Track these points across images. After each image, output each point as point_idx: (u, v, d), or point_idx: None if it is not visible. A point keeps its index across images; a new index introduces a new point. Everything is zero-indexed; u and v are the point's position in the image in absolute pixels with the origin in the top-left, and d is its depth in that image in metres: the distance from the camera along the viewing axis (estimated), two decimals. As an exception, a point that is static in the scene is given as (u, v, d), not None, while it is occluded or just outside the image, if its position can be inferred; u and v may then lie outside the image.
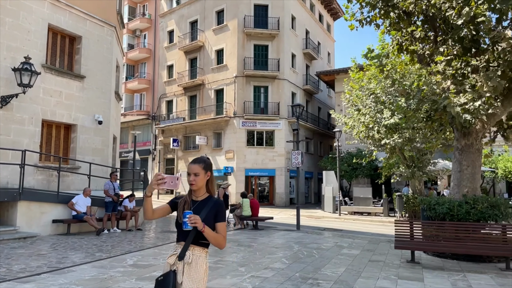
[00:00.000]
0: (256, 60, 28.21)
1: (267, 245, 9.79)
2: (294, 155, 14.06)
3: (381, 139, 17.92)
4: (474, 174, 9.15)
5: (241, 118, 27.28)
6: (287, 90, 28.55)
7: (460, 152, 9.34)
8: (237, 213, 13.48)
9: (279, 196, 27.34)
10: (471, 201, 8.60)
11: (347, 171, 25.49)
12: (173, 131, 31.86)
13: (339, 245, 10.15)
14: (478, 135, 9.23)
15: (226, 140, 27.88)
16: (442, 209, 8.79)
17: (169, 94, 32.98)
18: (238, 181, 26.88)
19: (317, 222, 18.14)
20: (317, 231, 13.56)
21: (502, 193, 23.56)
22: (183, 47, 31.36)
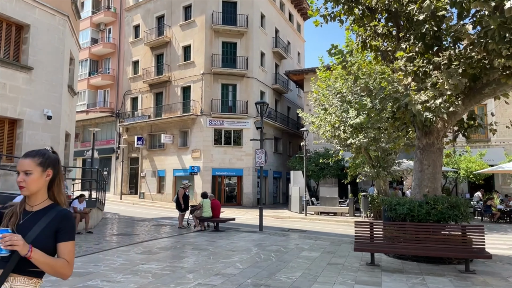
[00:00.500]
0: (224, 57, 27.62)
1: (224, 248, 9.27)
2: (257, 154, 13.62)
3: (347, 139, 17.82)
4: (435, 173, 9.00)
5: (208, 117, 26.62)
6: (255, 89, 28.13)
7: (421, 152, 9.17)
8: (197, 214, 12.89)
9: (247, 196, 26.88)
10: (432, 202, 8.42)
11: (314, 171, 25.33)
12: (138, 129, 30.78)
13: (299, 247, 9.77)
14: (439, 134, 9.09)
15: (193, 139, 27.14)
16: (402, 210, 8.57)
17: (134, 91, 31.84)
18: (205, 181, 26.21)
19: (282, 223, 17.79)
20: (280, 232, 13.18)
21: (464, 193, 24.07)
22: (149, 42, 30.34)
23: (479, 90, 8.50)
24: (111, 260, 7.46)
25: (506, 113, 23.93)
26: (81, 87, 34.19)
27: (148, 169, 29.66)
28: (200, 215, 12.73)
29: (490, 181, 23.82)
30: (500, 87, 8.06)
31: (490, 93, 8.29)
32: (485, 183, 22.97)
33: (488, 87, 8.22)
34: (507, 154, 22.36)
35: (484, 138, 24.43)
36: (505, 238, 13.27)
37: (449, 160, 22.40)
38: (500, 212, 17.79)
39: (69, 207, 11.18)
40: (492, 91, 8.21)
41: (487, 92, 8.30)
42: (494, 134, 9.37)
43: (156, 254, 8.28)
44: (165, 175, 28.31)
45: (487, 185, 23.35)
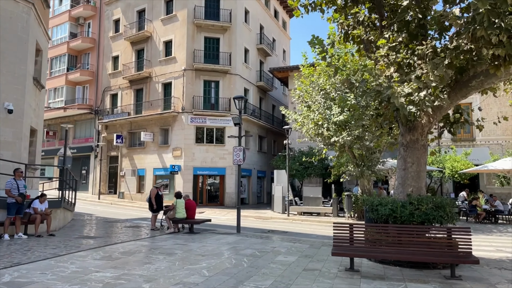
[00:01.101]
0: (206, 53, 26.84)
1: (194, 253, 8.56)
2: (235, 152, 12.93)
3: (330, 137, 17.27)
4: (419, 172, 8.44)
5: (189, 114, 25.81)
6: (239, 86, 27.42)
7: (405, 149, 8.61)
8: (170, 215, 12.12)
9: (229, 196, 26.16)
10: (415, 202, 7.85)
11: (298, 170, 24.75)
12: (118, 126, 29.77)
13: (276, 251, 9.12)
14: (423, 130, 8.54)
15: (174, 137, 26.29)
16: (384, 211, 7.98)
17: (114, 87, 30.81)
18: (186, 180, 25.39)
19: (263, 224, 17.15)
20: (259, 234, 12.52)
21: (449, 193, 23.79)
22: (129, 37, 29.36)
23: (465, 83, 7.98)
24: (62, 268, 6.68)
25: (491, 112, 23.74)
26: (59, 83, 33.04)
27: (128, 168, 28.69)
28: (173, 216, 11.97)
29: (475, 180, 23.60)
30: (488, 79, 7.54)
31: (477, 86, 7.76)
32: (470, 182, 22.73)
33: (476, 80, 7.70)
34: (492, 154, 22.14)
35: (469, 138, 24.22)
36: (491, 239, 12.86)
37: (434, 159, 22.08)
38: (485, 212, 17.46)
39: (29, 208, 10.36)
40: (480, 83, 7.69)
41: (474, 85, 7.78)
42: (481, 131, 8.86)
43: (116, 260, 7.52)
44: (145, 174, 27.39)
45: (472, 185, 23.12)
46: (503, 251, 10.62)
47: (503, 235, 14.00)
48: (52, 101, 33.38)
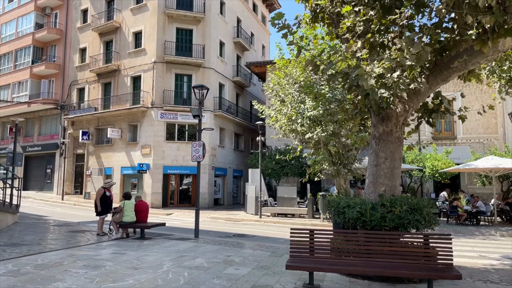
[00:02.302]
0: (178, 45, 25.33)
1: (127, 265, 7.17)
2: (194, 147, 11.60)
3: (305, 133, 16.09)
4: (393, 168, 7.25)
5: (160, 109, 24.27)
6: (213, 80, 26.00)
7: (377, 142, 7.42)
8: (116, 219, 10.69)
9: (202, 196, 24.66)
10: (388, 203, 6.66)
11: (274, 169, 23.50)
12: (84, 123, 27.99)
13: (229, 260, 7.81)
14: (398, 120, 7.36)
15: (143, 134, 24.71)
16: (352, 214, 6.76)
17: (81, 80, 29.01)
18: (155, 179, 23.86)
19: (232, 226, 15.83)
20: (219, 240, 11.19)
21: (429, 193, 22.91)
22: (97, 28, 27.61)
23: (446, 64, 6.82)
24: None
25: (474, 109, 22.89)
26: (23, 76, 31.07)
27: (95, 166, 26.95)
28: (120, 220, 10.53)
29: (456, 180, 22.77)
30: (472, 59, 6.39)
31: (460, 67, 6.61)
32: (451, 182, 21.87)
33: (458, 60, 6.54)
34: (474, 152, 21.31)
35: (450, 136, 23.39)
36: (473, 243, 11.82)
37: (415, 158, 21.14)
38: (466, 213, 16.52)
39: None
40: (463, 64, 6.53)
41: (456, 66, 6.62)
42: (463, 122, 7.73)
43: (22, 276, 6.10)
44: (113, 173, 25.72)
45: (453, 185, 22.27)
46: (487, 258, 9.55)
47: (485, 238, 13.02)
48: (16, 95, 31.34)
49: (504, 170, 17.07)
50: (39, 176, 31.78)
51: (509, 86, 14.01)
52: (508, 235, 13.55)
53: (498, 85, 14.13)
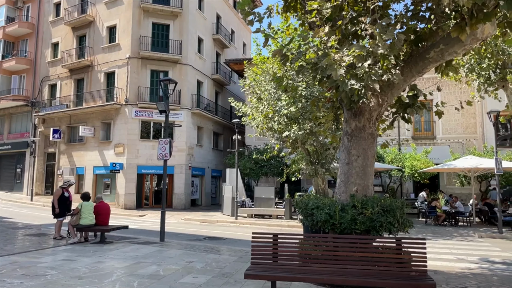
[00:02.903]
0: (154, 40, 24.48)
1: (72, 274, 6.44)
2: (160, 145, 10.87)
3: (282, 131, 15.54)
4: (366, 167, 6.73)
5: (134, 107, 23.37)
6: (191, 77, 25.24)
7: (349, 138, 6.88)
8: (72, 222, 9.90)
9: (178, 197, 23.91)
10: (359, 204, 6.12)
11: (253, 169, 22.91)
12: (56, 120, 26.83)
13: (189, 268, 7.16)
14: (371, 115, 6.84)
15: (116, 132, 23.76)
16: (320, 216, 6.20)
17: (53, 76, 27.82)
18: (129, 179, 22.94)
19: (205, 228, 15.16)
20: (187, 243, 10.51)
21: (409, 193, 22.71)
22: (70, 21, 26.50)
23: (422, 54, 6.33)
24: None
25: (452, 108, 22.79)
26: (-9, 71, 29.64)
27: (66, 166, 25.84)
28: (77, 223, 9.75)
29: (435, 180, 22.62)
30: (449, 48, 5.91)
31: (436, 57, 6.12)
32: (430, 182, 21.70)
33: (434, 49, 6.05)
34: (453, 152, 21.17)
35: (430, 136, 23.24)
36: (451, 245, 11.45)
37: (394, 157, 20.86)
38: (445, 214, 16.25)
39: None
40: (440, 54, 6.04)
41: (432, 56, 6.13)
42: (440, 118, 7.27)
43: None
44: (85, 173, 24.69)
45: (432, 185, 22.10)
46: (465, 261, 9.16)
47: (464, 239, 12.70)
48: (-15, 91, 29.90)
49: (483, 170, 16.89)
50: (8, 176, 30.40)
51: (488, 84, 13.78)
52: (486, 236, 13.28)
53: (477, 83, 13.88)
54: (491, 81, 13.55)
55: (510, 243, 12.06)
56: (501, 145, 20.53)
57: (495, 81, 13.54)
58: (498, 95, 14.41)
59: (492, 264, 8.78)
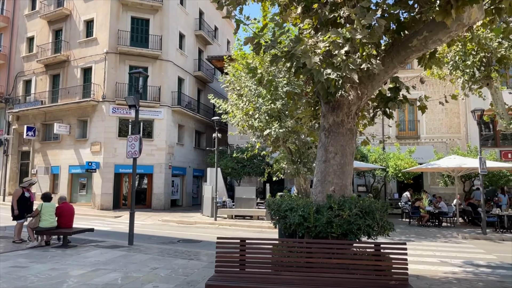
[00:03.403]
0: (133, 35, 23.66)
1: (19, 284, 5.76)
2: (129, 142, 10.22)
3: (263, 129, 14.99)
4: (344, 165, 6.21)
5: (112, 103, 22.52)
6: (172, 74, 24.50)
7: (327, 134, 6.37)
8: (31, 224, 9.15)
9: (157, 197, 23.14)
10: (336, 206, 5.60)
11: (235, 169, 22.32)
12: (31, 117, 25.76)
13: (152, 275, 6.53)
14: (350, 109, 6.33)
15: (93, 130, 22.87)
16: (293, 218, 5.66)
17: (28, 72, 26.72)
18: (106, 179, 22.09)
19: (182, 230, 14.51)
20: (158, 247, 9.87)
21: (393, 193, 22.46)
22: (46, 15, 25.46)
23: (404, 43, 5.84)
24: None
25: (437, 108, 22.67)
26: (-37, 66, 28.34)
27: (41, 165, 24.82)
28: (36, 225, 9.01)
29: (419, 180, 22.39)
30: (433, 35, 5.43)
31: (419, 46, 5.63)
32: (414, 182, 21.44)
33: (417, 37, 5.56)
34: (437, 152, 20.95)
35: (414, 135, 23.01)
36: (434, 247, 11.07)
37: (378, 157, 20.53)
38: (428, 214, 15.94)
39: None
40: (423, 42, 5.55)
41: (415, 44, 5.64)
42: (423, 113, 6.82)
43: None
44: (60, 172, 23.71)
45: (416, 185, 21.87)
46: (448, 264, 8.76)
47: (447, 241, 12.35)
48: (-44, 87, 28.56)
49: (467, 170, 16.65)
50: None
51: (473, 82, 13.48)
52: (470, 238, 12.97)
53: (462, 80, 13.57)
54: (475, 79, 13.25)
55: (494, 245, 11.77)
56: (485, 145, 20.41)
57: (479, 78, 13.25)
58: (482, 93, 14.12)
59: (476, 267, 8.38)
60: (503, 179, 18.10)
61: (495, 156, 19.36)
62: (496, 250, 10.78)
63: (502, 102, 13.49)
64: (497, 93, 13.51)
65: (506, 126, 13.14)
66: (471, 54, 12.99)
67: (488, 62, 13.15)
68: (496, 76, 13.00)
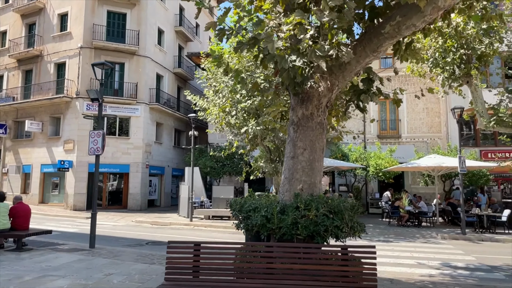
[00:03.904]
0: (110, 30, 22.86)
1: None
2: (92, 138, 9.58)
3: (240, 127, 14.50)
4: (313, 161, 5.76)
5: (86, 100, 21.68)
6: (150, 70, 23.79)
7: (295, 128, 5.90)
8: (-20, 227, 8.45)
9: (134, 197, 22.40)
10: (302, 205, 5.13)
11: (214, 168, 21.78)
12: (2, 114, 24.67)
13: (103, 282, 5.97)
14: (321, 101, 5.87)
15: (66, 127, 22.00)
16: (256, 219, 5.17)
17: (0, 67, 25.62)
18: (79, 179, 21.24)
19: (155, 232, 13.89)
20: (122, 250, 9.26)
21: (374, 193, 22.21)
22: (19, 8, 24.45)
23: (377, 30, 5.41)
24: None
25: (418, 108, 22.58)
26: None
27: (12, 163, 23.80)
28: (-14, 228, 8.31)
29: (400, 180, 22.20)
30: (407, 20, 5.01)
31: (392, 32, 5.21)
32: (395, 182, 21.22)
33: (390, 23, 5.13)
34: (417, 151, 20.79)
35: (395, 134, 22.81)
36: (413, 247, 10.74)
37: (359, 156, 20.24)
38: (408, 214, 15.68)
39: None
40: (396, 28, 5.13)
41: (388, 31, 5.21)
42: (399, 107, 6.42)
43: None
44: (32, 172, 22.75)
45: (397, 184, 21.67)
46: (426, 266, 8.41)
47: (426, 241, 12.06)
48: None
49: (447, 169, 16.48)
50: None
51: (452, 79, 13.25)
52: (449, 238, 12.72)
53: (442, 78, 13.33)
54: (455, 76, 13.02)
55: (473, 245, 11.52)
56: (465, 145, 20.33)
57: (459, 76, 13.02)
58: (462, 91, 13.93)
59: (454, 270, 8.05)
60: (483, 178, 18.01)
61: (475, 156, 19.28)
62: (475, 251, 10.52)
63: (482, 101, 13.30)
64: (477, 91, 13.31)
65: (486, 125, 12.94)
66: (451, 51, 12.75)
67: (468, 60, 12.93)
68: (476, 73, 12.79)
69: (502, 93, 13.15)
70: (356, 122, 23.08)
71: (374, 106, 23.08)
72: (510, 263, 8.92)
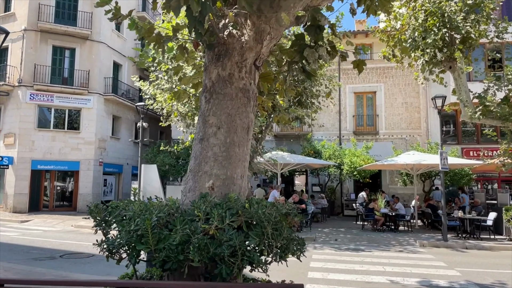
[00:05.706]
0: (59, 11, 20.46)
1: None
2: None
3: (192, 116, 12.55)
4: (231, 146, 3.80)
5: (29, 89, 19.24)
6: (105, 58, 21.50)
7: (208, 97, 3.96)
8: None
9: (84, 198, 20.07)
10: (201, 214, 3.18)
11: (173, 166, 19.70)
12: None
13: None
14: (244, 56, 3.92)
15: (6, 119, 19.52)
16: (122, 237, 3.19)
17: None
18: (20, 177, 18.79)
19: (88, 239, 11.74)
20: (17, 267, 7.14)
21: (349, 193, 20.52)
22: (-43, -15, 21.82)
23: None
24: None
25: (396, 102, 21.02)
26: None
27: None
28: None
29: (377, 179, 20.60)
30: None
31: None
32: (372, 181, 19.55)
33: None
34: (395, 149, 19.17)
35: (372, 131, 21.20)
36: (386, 258, 8.91)
37: (332, 153, 18.47)
38: (384, 217, 13.96)
39: None
40: None
41: None
42: (360, 71, 4.55)
43: None
44: (-33, 169, 20.16)
45: (374, 184, 20.04)
46: (399, 285, 6.59)
47: (403, 249, 10.31)
48: None
49: (426, 166, 14.88)
50: None
51: (434, 64, 11.57)
52: (429, 245, 11.02)
53: (421, 62, 11.63)
54: (436, 60, 11.33)
55: (456, 255, 9.82)
56: (446, 142, 18.84)
57: (441, 60, 11.35)
58: (443, 79, 12.29)
59: (435, 292, 6.26)
60: (465, 178, 16.52)
61: (457, 154, 17.78)
62: (459, 262, 8.80)
63: (466, 89, 11.68)
64: (461, 78, 11.69)
65: (471, 116, 11.31)
66: (432, 31, 11.07)
67: (452, 41, 11.27)
68: (460, 56, 11.14)
69: (490, 80, 11.58)
70: (331, 117, 21.41)
71: (350, 99, 21.45)
72: (502, 279, 7.22)
